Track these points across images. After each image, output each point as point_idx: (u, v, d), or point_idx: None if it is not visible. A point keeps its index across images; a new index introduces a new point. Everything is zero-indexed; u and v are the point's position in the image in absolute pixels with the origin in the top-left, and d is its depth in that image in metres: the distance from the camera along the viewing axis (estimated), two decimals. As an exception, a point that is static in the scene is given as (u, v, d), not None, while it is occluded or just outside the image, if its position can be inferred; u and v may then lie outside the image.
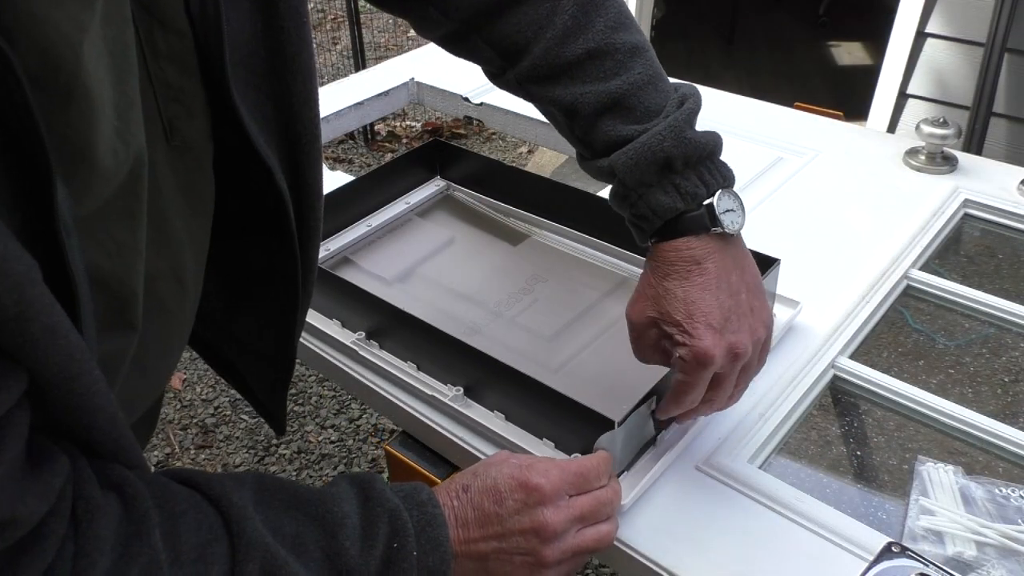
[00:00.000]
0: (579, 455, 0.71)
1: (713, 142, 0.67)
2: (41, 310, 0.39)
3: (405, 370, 0.83)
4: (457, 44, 0.74)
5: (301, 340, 0.91)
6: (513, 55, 0.70)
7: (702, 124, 0.68)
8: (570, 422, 0.71)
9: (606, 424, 0.67)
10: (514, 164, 3.01)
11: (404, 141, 3.41)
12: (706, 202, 0.66)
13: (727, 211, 0.66)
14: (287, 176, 0.59)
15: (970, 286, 0.97)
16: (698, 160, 0.66)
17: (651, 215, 0.66)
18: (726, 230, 0.66)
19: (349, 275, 1.00)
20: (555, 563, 0.61)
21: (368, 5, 0.79)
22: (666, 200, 0.65)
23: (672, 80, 0.71)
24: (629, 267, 0.98)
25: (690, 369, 0.65)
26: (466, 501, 0.61)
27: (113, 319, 0.48)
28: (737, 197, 0.68)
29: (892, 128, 2.29)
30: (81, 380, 0.43)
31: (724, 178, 0.68)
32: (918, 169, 1.16)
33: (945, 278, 0.98)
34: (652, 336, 0.69)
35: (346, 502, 0.56)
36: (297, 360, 0.74)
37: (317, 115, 0.60)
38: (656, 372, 0.71)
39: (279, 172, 0.57)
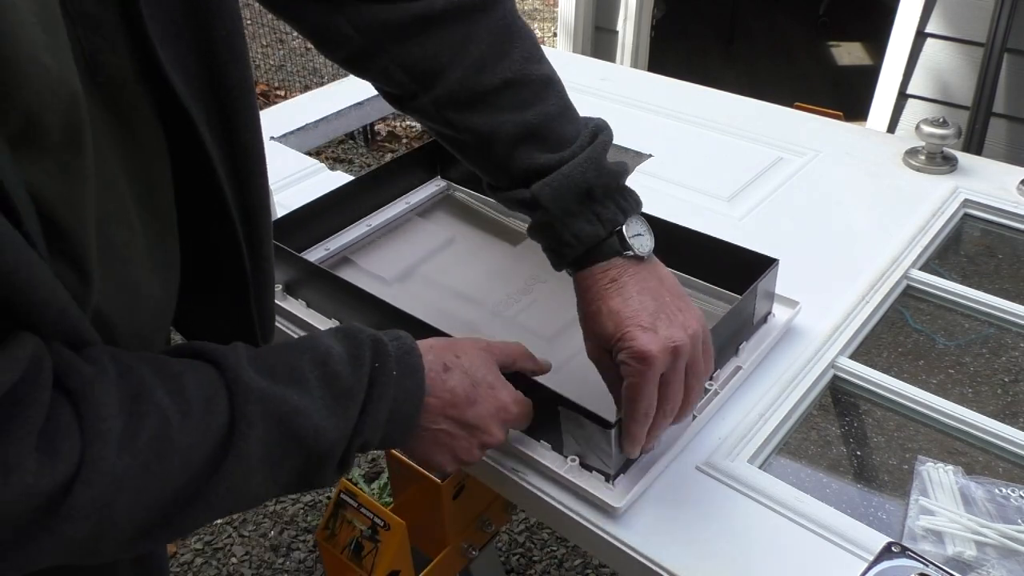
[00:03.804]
0: (575, 458, 0.72)
1: (625, 171, 0.71)
2: None
3: (405, 370, 0.83)
4: (364, 65, 0.73)
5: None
6: (427, 79, 0.70)
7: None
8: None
9: (604, 425, 0.67)
10: (514, 164, 3.00)
11: (404, 141, 3.41)
12: (616, 229, 0.69)
13: (636, 235, 0.69)
14: (220, 140, 0.58)
15: (970, 286, 0.97)
16: (615, 189, 0.70)
17: (575, 242, 0.69)
18: (637, 252, 0.68)
19: (349, 275, 0.99)
20: (474, 461, 0.69)
21: None
22: (588, 228, 0.69)
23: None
24: (629, 267, 0.98)
25: (635, 372, 0.65)
26: (443, 381, 0.65)
27: (57, 250, 0.46)
28: (645, 222, 0.71)
29: (892, 128, 2.29)
30: (17, 256, 0.42)
31: (636, 204, 0.71)
32: (918, 169, 1.16)
33: (945, 278, 0.98)
34: (612, 367, 0.69)
35: (329, 338, 0.61)
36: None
37: (248, 67, 0.58)
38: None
39: (203, 125, 0.56)
